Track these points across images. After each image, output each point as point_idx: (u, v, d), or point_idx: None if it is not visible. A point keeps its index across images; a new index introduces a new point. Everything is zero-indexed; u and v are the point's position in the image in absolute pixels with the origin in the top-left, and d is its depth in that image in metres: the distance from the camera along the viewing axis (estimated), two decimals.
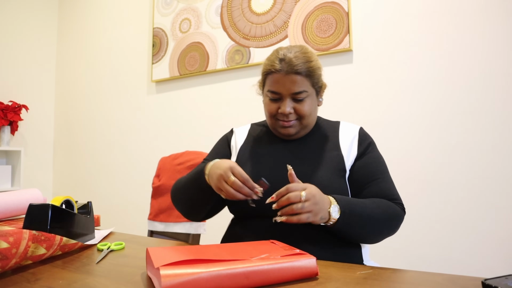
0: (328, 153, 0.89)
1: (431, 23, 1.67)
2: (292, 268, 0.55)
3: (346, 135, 0.94)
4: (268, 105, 0.92)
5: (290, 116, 0.89)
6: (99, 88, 2.93)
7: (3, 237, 0.57)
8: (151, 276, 0.56)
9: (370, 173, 0.88)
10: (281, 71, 0.87)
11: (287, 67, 0.86)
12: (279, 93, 0.89)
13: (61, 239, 0.69)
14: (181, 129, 2.43)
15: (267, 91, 0.91)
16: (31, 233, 0.63)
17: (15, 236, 0.60)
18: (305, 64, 0.87)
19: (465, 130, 1.57)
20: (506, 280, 0.46)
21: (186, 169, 1.42)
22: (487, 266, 1.48)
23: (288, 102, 0.88)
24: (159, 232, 1.45)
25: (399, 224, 0.84)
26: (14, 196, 1.07)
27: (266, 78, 0.92)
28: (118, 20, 2.86)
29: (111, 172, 2.78)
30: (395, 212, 0.83)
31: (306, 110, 0.89)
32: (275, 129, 0.95)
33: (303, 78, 0.87)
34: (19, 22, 3.03)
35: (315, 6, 1.92)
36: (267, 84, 0.92)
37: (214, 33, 2.28)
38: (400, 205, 0.86)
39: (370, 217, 0.78)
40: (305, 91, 0.88)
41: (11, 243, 0.58)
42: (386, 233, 0.83)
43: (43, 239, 0.65)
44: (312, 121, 0.94)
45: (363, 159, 0.90)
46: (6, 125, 2.77)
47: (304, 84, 0.88)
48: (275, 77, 0.88)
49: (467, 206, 1.54)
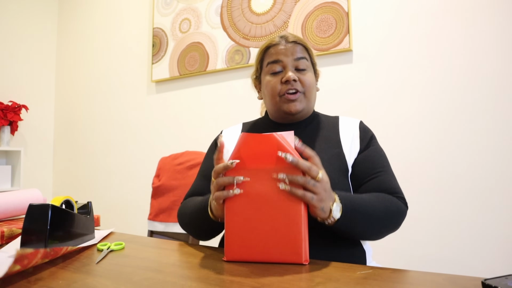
0: (330, 151, 0.87)
1: (431, 23, 1.67)
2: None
3: (347, 131, 0.91)
4: (270, 81, 0.90)
5: (296, 85, 0.88)
6: (99, 88, 2.93)
7: (19, 262, 0.56)
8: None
9: (371, 167, 0.86)
10: (280, 43, 0.91)
11: (285, 40, 0.91)
12: (281, 61, 0.89)
13: (66, 249, 0.69)
14: (181, 129, 2.43)
15: (268, 65, 0.91)
16: (45, 251, 0.62)
17: (30, 258, 0.58)
18: (303, 40, 0.92)
19: (465, 130, 1.57)
20: (506, 280, 0.46)
21: (186, 169, 1.42)
22: (487, 266, 1.48)
23: (291, 69, 0.89)
24: (159, 232, 1.45)
25: (401, 219, 0.82)
26: (14, 196, 1.07)
27: (265, 54, 0.93)
28: (118, 20, 2.86)
29: (111, 172, 2.78)
30: (398, 208, 0.80)
31: (309, 81, 0.89)
32: (278, 109, 0.91)
33: (303, 48, 0.91)
34: (19, 22, 3.03)
35: (315, 6, 1.92)
36: (266, 59, 0.92)
37: (214, 33, 2.28)
38: (402, 199, 0.83)
39: (372, 215, 0.75)
40: (305, 58, 0.90)
41: (24, 265, 0.57)
42: (388, 229, 0.81)
43: (51, 253, 0.65)
44: (313, 101, 0.93)
45: (365, 152, 0.88)
46: (6, 125, 2.78)
47: (303, 53, 0.91)
48: (275, 48, 0.91)
49: (467, 206, 1.54)
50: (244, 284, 0.53)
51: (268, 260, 0.64)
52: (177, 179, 1.44)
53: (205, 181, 0.95)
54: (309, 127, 0.94)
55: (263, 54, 0.94)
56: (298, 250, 0.62)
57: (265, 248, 0.64)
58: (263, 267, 0.62)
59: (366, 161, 0.86)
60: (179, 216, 0.92)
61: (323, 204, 0.66)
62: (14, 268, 0.55)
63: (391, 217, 0.79)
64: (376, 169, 0.86)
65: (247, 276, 0.57)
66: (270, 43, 0.92)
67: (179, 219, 0.93)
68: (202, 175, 0.97)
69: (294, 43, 0.90)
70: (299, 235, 0.63)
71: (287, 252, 0.63)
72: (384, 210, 0.78)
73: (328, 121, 0.96)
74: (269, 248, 0.64)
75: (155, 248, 0.80)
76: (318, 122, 0.95)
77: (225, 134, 1.01)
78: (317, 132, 0.92)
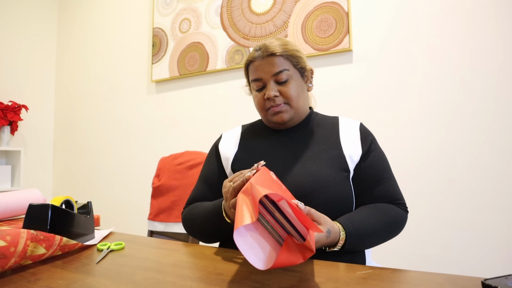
0: (329, 152, 0.87)
1: (431, 23, 1.67)
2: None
3: (347, 132, 0.91)
4: (256, 97, 0.93)
5: (277, 100, 0.89)
6: (99, 88, 2.93)
7: (0, 236, 0.57)
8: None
9: (376, 174, 0.87)
10: (258, 57, 0.90)
11: (262, 52, 0.90)
12: (260, 78, 0.90)
13: (61, 239, 0.69)
14: (181, 129, 2.43)
15: (251, 82, 0.93)
16: (29, 232, 0.63)
17: (13, 235, 0.60)
18: (281, 47, 0.90)
19: (465, 130, 1.57)
20: (506, 280, 0.46)
21: (186, 169, 1.42)
22: (487, 266, 1.48)
23: (272, 86, 0.89)
24: (159, 232, 1.45)
25: (402, 226, 0.86)
26: (14, 196, 1.07)
27: (248, 70, 0.95)
28: (118, 20, 2.86)
29: (111, 172, 2.78)
30: (398, 218, 0.84)
31: (291, 92, 0.89)
32: (268, 121, 0.94)
33: (281, 58, 0.89)
34: (19, 22, 3.03)
35: (315, 6, 1.92)
36: (250, 75, 0.94)
37: (214, 33, 2.28)
38: (403, 205, 0.87)
39: (375, 233, 0.79)
40: (285, 69, 0.89)
41: (9, 242, 0.58)
42: (390, 238, 0.85)
43: (42, 239, 0.65)
44: (303, 106, 0.93)
45: (369, 158, 0.88)
46: (6, 125, 2.77)
47: (283, 64, 0.89)
48: (254, 65, 0.91)
49: (467, 206, 1.54)
50: (244, 284, 0.53)
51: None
52: (177, 179, 1.44)
53: (206, 186, 0.96)
54: (306, 129, 0.94)
55: (246, 70, 0.97)
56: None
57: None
58: None
59: (371, 169, 0.88)
60: (186, 222, 0.91)
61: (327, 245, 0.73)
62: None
63: (392, 230, 0.83)
64: (380, 176, 0.87)
65: (247, 276, 0.57)
66: (249, 58, 0.94)
67: (186, 225, 0.92)
68: (203, 180, 0.98)
69: (272, 55, 0.89)
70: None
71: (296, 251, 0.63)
72: (385, 226, 0.81)
73: (327, 122, 0.95)
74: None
75: (155, 248, 0.80)
76: (316, 123, 0.95)
77: (224, 137, 1.02)
78: (315, 133, 0.92)
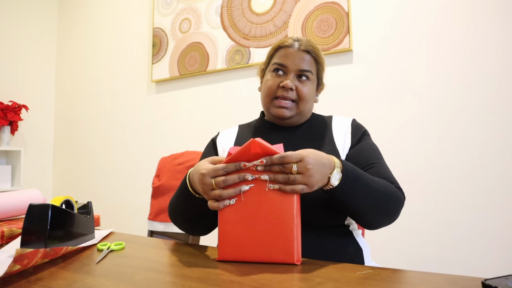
0: (323, 148, 0.87)
1: (431, 23, 1.67)
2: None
3: (339, 128, 0.92)
4: (269, 80, 0.91)
5: (290, 94, 0.88)
6: (99, 88, 2.93)
7: (19, 262, 0.56)
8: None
9: (364, 159, 0.85)
10: (293, 46, 0.90)
11: (299, 45, 0.90)
12: (286, 66, 0.89)
13: (66, 249, 0.69)
14: (181, 129, 2.43)
15: (274, 64, 0.91)
16: (44, 251, 0.61)
17: (30, 258, 0.58)
18: (316, 50, 0.91)
19: (465, 130, 1.57)
20: (506, 280, 0.46)
21: (186, 169, 1.42)
22: (487, 266, 1.48)
23: (292, 78, 0.89)
24: (159, 232, 1.45)
25: (400, 206, 0.80)
26: (14, 196, 1.07)
27: (275, 52, 0.93)
28: (118, 20, 2.86)
29: (111, 172, 2.78)
30: (397, 194, 0.79)
31: (306, 93, 0.89)
32: (268, 110, 0.92)
33: (312, 60, 0.90)
34: (19, 22, 3.03)
35: (315, 6, 1.92)
36: (275, 58, 0.92)
37: (214, 33, 2.28)
38: (399, 189, 0.82)
39: (372, 188, 0.74)
40: (311, 71, 0.90)
41: (24, 265, 0.57)
42: (386, 213, 0.78)
43: (51, 253, 0.65)
44: (308, 110, 0.93)
45: (356, 147, 0.88)
46: (6, 125, 2.77)
47: (311, 65, 0.90)
48: (286, 51, 0.90)
49: (467, 206, 1.54)
50: (244, 284, 0.53)
51: (261, 260, 0.64)
52: (177, 179, 1.44)
53: None
54: (301, 128, 0.94)
55: (273, 52, 0.94)
56: (290, 250, 0.63)
57: (257, 248, 0.64)
58: (263, 267, 0.62)
59: (358, 155, 0.86)
60: (169, 212, 0.88)
61: (317, 186, 0.67)
62: (13, 267, 0.55)
63: (390, 199, 0.77)
64: (368, 161, 0.85)
65: (247, 276, 0.57)
66: (283, 43, 0.92)
67: (170, 216, 0.88)
68: None
69: (306, 52, 0.89)
70: (291, 235, 0.63)
71: (279, 252, 0.63)
72: (384, 189, 0.76)
73: (321, 121, 0.97)
74: (261, 248, 0.64)
75: (155, 248, 0.80)
76: (311, 122, 0.96)
77: (221, 135, 1.02)
78: (310, 132, 0.93)
